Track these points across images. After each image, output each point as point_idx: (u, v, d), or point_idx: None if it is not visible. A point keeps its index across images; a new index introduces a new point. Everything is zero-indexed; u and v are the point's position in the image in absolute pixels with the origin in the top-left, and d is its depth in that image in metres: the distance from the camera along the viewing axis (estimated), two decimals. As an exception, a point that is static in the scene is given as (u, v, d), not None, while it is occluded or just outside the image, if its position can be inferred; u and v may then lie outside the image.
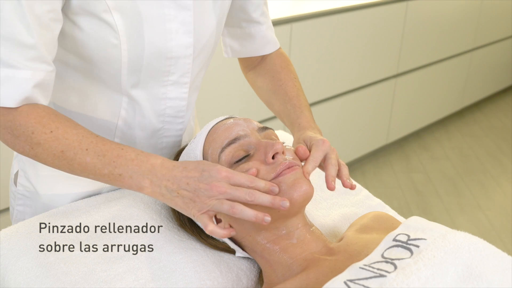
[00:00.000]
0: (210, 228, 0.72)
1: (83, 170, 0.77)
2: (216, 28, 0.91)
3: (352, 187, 0.82)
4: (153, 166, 0.75)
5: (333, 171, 0.81)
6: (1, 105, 0.74)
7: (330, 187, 0.80)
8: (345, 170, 0.84)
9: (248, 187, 0.73)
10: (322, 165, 0.85)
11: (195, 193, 0.72)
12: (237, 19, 1.03)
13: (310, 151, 0.84)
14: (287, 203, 0.74)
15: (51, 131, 0.76)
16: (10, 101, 0.75)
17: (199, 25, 0.88)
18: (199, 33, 0.88)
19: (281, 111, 1.00)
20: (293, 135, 0.94)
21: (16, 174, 1.00)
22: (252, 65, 1.08)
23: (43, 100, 0.78)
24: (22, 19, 0.72)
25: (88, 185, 0.97)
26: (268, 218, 0.72)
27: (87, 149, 0.76)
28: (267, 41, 1.05)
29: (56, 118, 0.77)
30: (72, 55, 0.85)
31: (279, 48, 1.09)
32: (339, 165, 0.84)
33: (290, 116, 0.97)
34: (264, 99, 1.07)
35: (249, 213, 0.71)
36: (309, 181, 0.81)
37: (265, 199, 0.73)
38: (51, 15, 0.75)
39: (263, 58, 1.07)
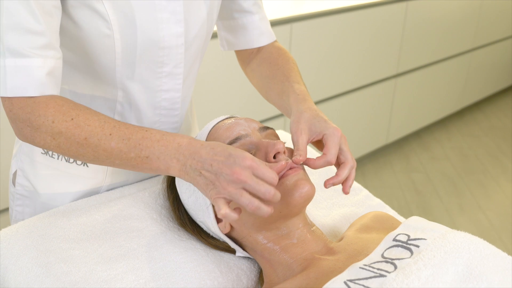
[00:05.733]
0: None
1: (108, 156, 0.76)
2: (207, 17, 0.92)
3: (347, 193, 0.81)
4: (179, 145, 0.74)
5: (346, 172, 0.80)
6: (20, 95, 0.74)
7: (326, 186, 0.79)
8: (353, 174, 0.82)
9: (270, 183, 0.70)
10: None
11: (216, 176, 0.70)
12: (229, 10, 1.03)
13: (323, 140, 0.81)
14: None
15: (72, 119, 0.75)
16: (28, 91, 0.74)
17: (190, 15, 0.88)
18: (189, 23, 0.88)
19: (280, 91, 0.97)
20: (291, 109, 0.90)
21: (15, 174, 1.00)
22: (249, 58, 1.08)
23: (56, 90, 0.78)
24: (27, 7, 0.72)
25: (88, 183, 0.97)
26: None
27: (110, 134, 0.75)
28: (261, 32, 1.05)
29: (75, 106, 0.77)
30: (67, 50, 0.85)
31: (276, 41, 1.08)
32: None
33: (287, 92, 0.95)
34: (263, 87, 1.04)
35: (265, 210, 0.69)
36: (311, 182, 0.81)
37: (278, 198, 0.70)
38: (52, 2, 0.76)
39: (259, 50, 1.07)
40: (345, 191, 0.81)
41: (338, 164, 0.83)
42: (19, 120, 0.75)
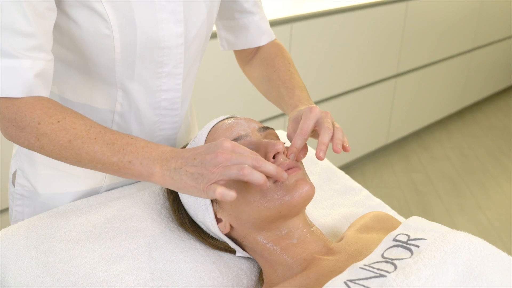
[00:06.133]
0: (219, 190, 0.69)
1: (91, 159, 0.76)
2: (206, 17, 0.92)
3: (345, 149, 0.78)
4: (163, 152, 0.75)
5: (326, 136, 0.78)
6: (5, 96, 0.74)
7: (318, 156, 0.76)
8: (338, 133, 0.79)
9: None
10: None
11: (202, 165, 0.70)
12: (230, 10, 1.04)
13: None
14: (286, 175, 0.74)
15: (58, 121, 0.75)
16: (14, 91, 0.74)
17: (189, 15, 0.88)
18: (189, 23, 0.89)
19: (277, 97, 0.99)
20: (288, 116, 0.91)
21: (14, 174, 1.00)
22: (248, 58, 1.09)
23: (44, 91, 0.78)
24: (19, 8, 0.72)
25: (87, 183, 0.97)
26: (269, 183, 0.70)
27: (95, 138, 0.75)
28: (261, 32, 1.06)
29: (63, 110, 0.77)
30: (66, 49, 0.85)
31: (275, 39, 1.09)
32: (333, 128, 0.80)
33: (284, 100, 0.96)
34: (262, 89, 1.06)
35: (258, 176, 0.69)
36: (311, 182, 0.81)
37: (270, 167, 0.71)
38: (46, 4, 0.75)
39: (257, 49, 1.08)
40: (335, 150, 0.77)
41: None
42: (5, 119, 0.76)
